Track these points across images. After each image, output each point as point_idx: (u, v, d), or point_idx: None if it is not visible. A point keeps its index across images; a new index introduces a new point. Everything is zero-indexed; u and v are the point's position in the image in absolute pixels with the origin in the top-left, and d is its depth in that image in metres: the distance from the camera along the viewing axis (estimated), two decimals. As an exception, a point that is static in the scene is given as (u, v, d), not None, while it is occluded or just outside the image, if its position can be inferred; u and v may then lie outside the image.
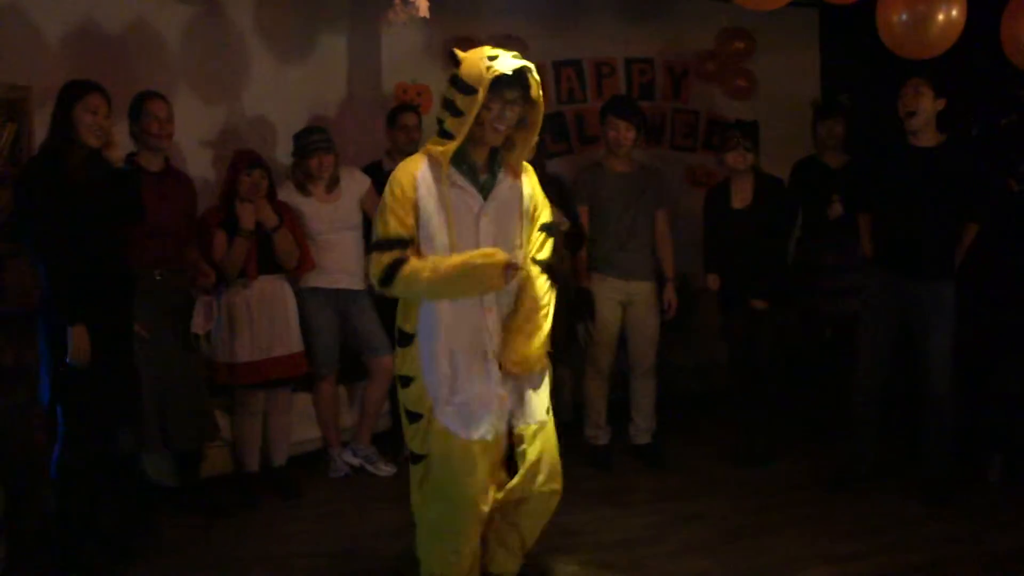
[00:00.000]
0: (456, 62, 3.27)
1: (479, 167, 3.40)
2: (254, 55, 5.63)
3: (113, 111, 3.96)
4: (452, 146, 3.26)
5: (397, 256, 3.26)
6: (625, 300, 5.18)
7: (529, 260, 3.49)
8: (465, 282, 3.22)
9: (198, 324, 4.52)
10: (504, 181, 3.43)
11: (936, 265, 4.51)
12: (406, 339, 3.40)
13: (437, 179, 3.31)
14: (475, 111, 3.20)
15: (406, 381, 3.41)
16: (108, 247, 3.90)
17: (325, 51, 5.90)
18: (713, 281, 5.25)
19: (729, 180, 5.19)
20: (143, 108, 4.40)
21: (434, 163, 3.32)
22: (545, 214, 3.56)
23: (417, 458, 3.45)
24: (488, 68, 3.17)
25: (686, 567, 3.93)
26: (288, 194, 4.96)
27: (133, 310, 4.06)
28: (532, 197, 3.51)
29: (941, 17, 4.23)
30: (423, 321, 3.36)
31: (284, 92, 5.69)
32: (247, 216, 4.64)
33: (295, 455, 5.12)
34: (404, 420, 3.49)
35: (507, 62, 3.21)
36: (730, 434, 5.39)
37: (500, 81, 3.20)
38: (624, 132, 5.10)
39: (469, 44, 5.96)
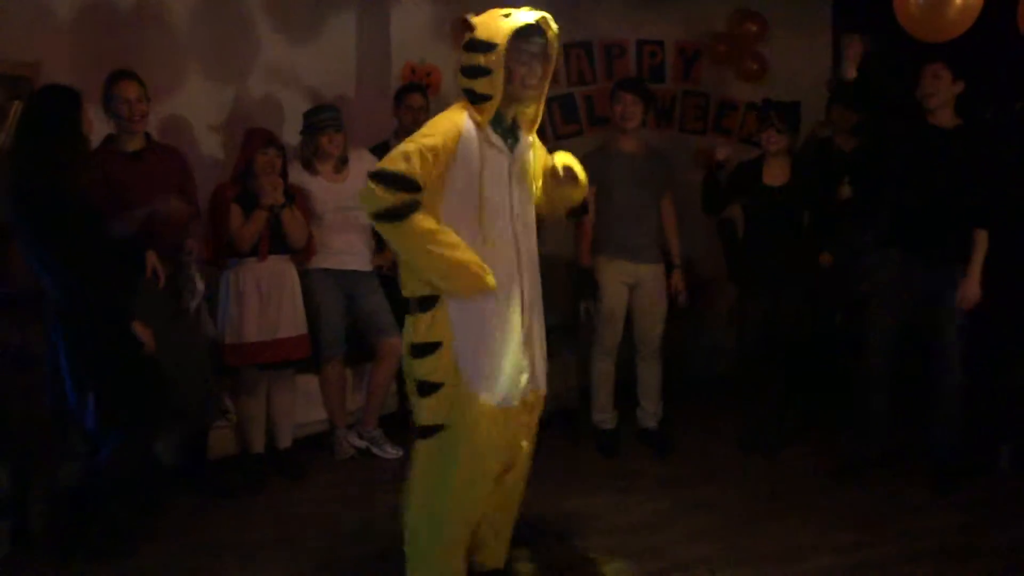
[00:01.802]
0: (471, 27, 3.21)
1: (507, 127, 3.35)
2: (263, 34, 5.60)
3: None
4: (492, 105, 3.19)
5: (409, 199, 3.04)
6: (632, 282, 5.15)
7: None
8: (455, 275, 3.11)
9: (184, 300, 4.47)
10: (523, 140, 3.41)
11: (950, 247, 4.47)
12: (428, 302, 3.22)
13: (479, 138, 3.21)
14: (502, 65, 3.14)
15: (427, 348, 3.20)
16: (112, 246, 3.87)
17: (334, 31, 5.86)
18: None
19: (762, 157, 5.13)
20: (111, 91, 4.31)
21: (474, 121, 3.22)
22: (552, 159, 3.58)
23: (430, 431, 3.26)
24: (506, 22, 3.14)
25: (693, 553, 3.92)
26: (296, 173, 4.93)
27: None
28: (539, 157, 3.55)
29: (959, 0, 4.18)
30: None
31: (292, 72, 5.67)
32: (270, 190, 4.60)
33: (301, 437, 5.12)
34: (414, 392, 3.30)
35: (524, 14, 3.18)
36: (738, 420, 5.37)
37: (520, 34, 3.16)
38: (631, 106, 5.06)
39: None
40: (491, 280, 3.12)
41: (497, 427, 3.26)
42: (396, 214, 3.03)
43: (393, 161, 3.08)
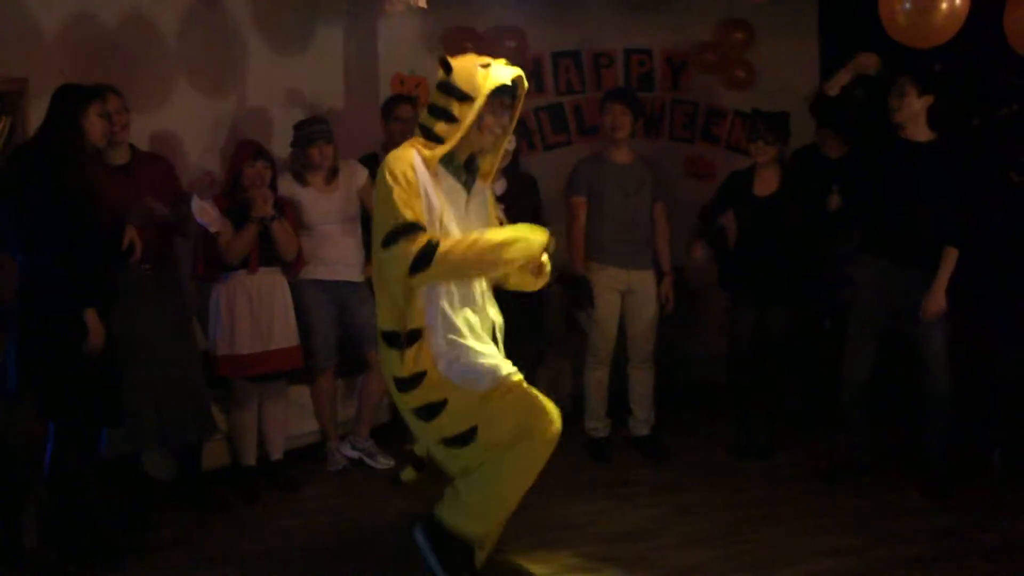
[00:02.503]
0: (447, 68, 3.29)
1: (461, 166, 3.46)
2: (251, 46, 5.62)
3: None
4: (442, 150, 3.31)
5: (429, 239, 3.19)
6: (624, 289, 5.17)
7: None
8: (512, 250, 3.21)
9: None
10: (479, 183, 3.53)
11: (928, 256, 4.48)
12: (413, 337, 3.34)
13: (430, 172, 3.32)
14: (471, 118, 3.26)
15: (416, 379, 3.34)
16: (100, 242, 3.87)
17: (322, 42, 5.89)
18: (696, 250, 5.30)
19: (755, 167, 5.17)
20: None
21: (423, 158, 3.32)
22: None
23: (464, 439, 3.35)
24: (486, 77, 3.24)
25: (687, 560, 3.92)
26: (286, 185, 4.94)
27: (112, 307, 3.96)
28: (491, 214, 3.67)
29: (944, 6, 4.21)
30: (430, 310, 3.33)
31: (281, 84, 5.69)
32: (260, 203, 4.60)
33: (293, 448, 5.11)
34: (414, 420, 3.44)
35: (503, 71, 3.29)
36: (729, 426, 5.38)
37: (501, 89, 3.29)
38: (620, 116, 5.11)
39: (467, 35, 6.04)
40: (541, 235, 3.25)
41: (525, 392, 3.40)
42: (427, 255, 3.16)
43: (386, 221, 3.22)
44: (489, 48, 6.06)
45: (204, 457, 4.77)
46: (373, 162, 5.27)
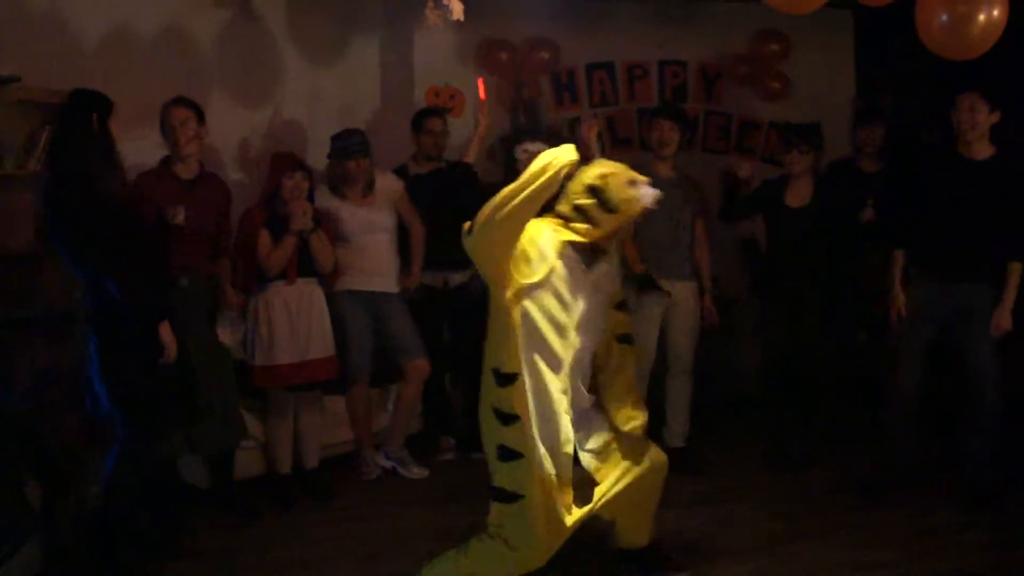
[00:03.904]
0: (604, 183, 3.33)
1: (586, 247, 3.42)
2: (288, 59, 5.69)
3: (136, 117, 3.99)
4: (573, 237, 3.33)
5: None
6: (666, 302, 5.17)
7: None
8: (537, 172, 3.05)
9: (223, 335, 4.60)
10: (604, 261, 3.47)
11: (982, 271, 4.46)
12: (508, 379, 3.25)
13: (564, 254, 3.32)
14: (612, 226, 3.35)
15: (509, 418, 3.26)
16: (148, 252, 3.91)
17: (358, 55, 5.94)
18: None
19: (787, 177, 5.16)
20: (165, 115, 4.42)
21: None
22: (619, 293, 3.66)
23: (512, 497, 3.27)
24: (634, 199, 3.33)
25: (719, 573, 3.91)
26: (323, 197, 4.99)
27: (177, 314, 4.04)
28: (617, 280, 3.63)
29: (982, 17, 4.16)
30: (530, 361, 3.29)
31: (317, 96, 5.75)
32: (299, 216, 4.65)
33: (327, 457, 5.14)
34: (494, 454, 3.32)
35: (651, 194, 3.37)
36: (762, 439, 5.35)
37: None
38: (668, 132, 5.13)
39: (502, 47, 6.07)
40: (567, 153, 3.11)
41: (553, 498, 3.31)
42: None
43: None
44: (523, 59, 6.12)
45: (240, 465, 4.82)
46: (402, 174, 5.32)
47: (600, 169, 3.38)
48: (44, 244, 4.38)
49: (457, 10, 4.18)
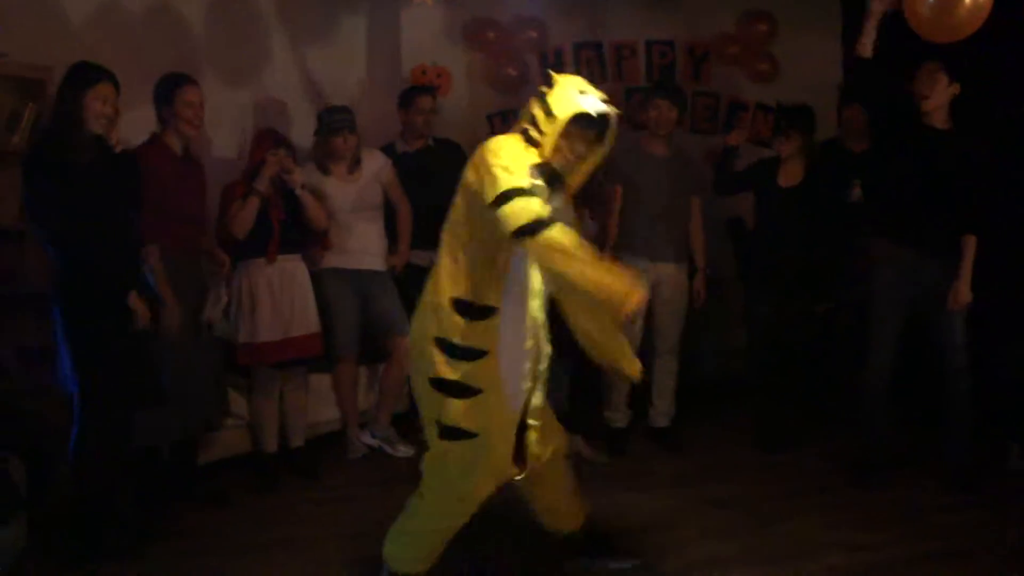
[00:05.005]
0: (550, 83, 3.26)
1: (547, 175, 3.33)
2: (275, 37, 5.66)
3: (123, 94, 3.95)
4: (538, 153, 3.24)
5: (546, 213, 3.01)
6: (655, 281, 5.16)
7: None
8: (604, 291, 2.93)
9: (207, 312, 4.56)
10: (559, 196, 3.39)
11: (946, 240, 4.47)
12: (485, 312, 3.20)
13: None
14: (554, 134, 3.21)
15: (475, 354, 3.20)
16: (114, 229, 3.87)
17: (345, 33, 5.91)
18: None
19: (779, 157, 5.17)
20: (177, 94, 4.36)
21: None
22: None
23: (460, 434, 3.24)
24: (574, 102, 3.21)
25: (705, 552, 3.92)
26: (309, 174, 4.96)
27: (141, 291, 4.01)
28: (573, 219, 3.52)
29: (969, 0, 4.18)
30: (508, 297, 3.26)
31: (303, 74, 5.70)
32: (273, 166, 4.62)
33: (313, 436, 5.14)
34: (436, 390, 3.24)
35: (592, 102, 3.24)
36: (749, 420, 5.38)
37: (582, 118, 3.23)
38: (667, 111, 5.13)
39: (489, 26, 6.05)
40: (638, 294, 2.97)
41: (509, 435, 3.31)
42: (542, 225, 2.98)
43: (515, 180, 3.06)
44: (510, 39, 6.10)
45: (226, 444, 4.82)
46: (389, 152, 5.31)
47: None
48: (28, 223, 4.37)
49: (444, -14, 4.18)
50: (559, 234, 2.96)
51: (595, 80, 6.26)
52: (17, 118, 4.58)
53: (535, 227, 2.96)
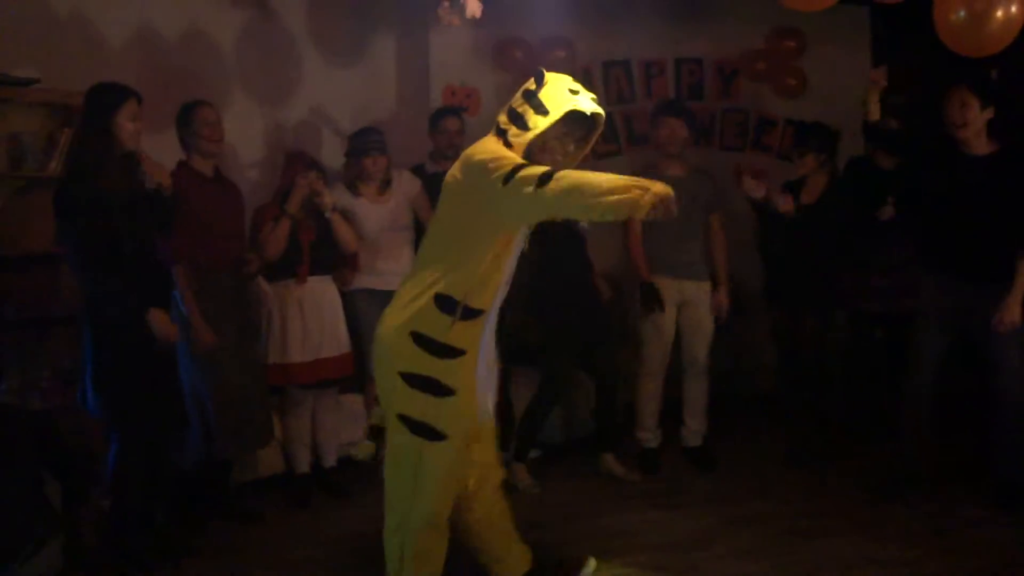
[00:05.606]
0: (540, 80, 3.27)
1: None
2: (305, 59, 5.72)
3: (157, 118, 4.01)
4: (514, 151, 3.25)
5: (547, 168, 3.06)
6: (680, 300, 5.17)
7: None
8: (625, 191, 2.97)
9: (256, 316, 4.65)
10: None
11: (996, 269, 4.39)
12: (473, 313, 3.24)
13: None
14: (540, 132, 3.23)
15: (453, 352, 3.23)
16: (142, 253, 3.92)
17: (375, 54, 5.96)
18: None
19: (806, 176, 5.16)
20: (194, 116, 4.44)
21: None
22: None
23: (431, 432, 3.25)
24: (569, 99, 3.23)
25: (736, 570, 3.91)
26: (340, 195, 5.00)
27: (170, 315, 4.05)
28: None
29: (1000, 14, 4.15)
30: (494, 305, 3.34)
31: (334, 95, 5.77)
32: (303, 189, 4.63)
33: (346, 456, 5.15)
34: (407, 389, 3.26)
35: (586, 102, 3.26)
36: (781, 437, 5.35)
37: (574, 116, 3.26)
38: (677, 130, 5.12)
39: (518, 46, 6.08)
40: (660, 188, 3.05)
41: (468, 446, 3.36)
42: (550, 175, 3.01)
43: (509, 163, 3.12)
44: (540, 59, 6.12)
45: (259, 463, 4.85)
46: (419, 173, 5.34)
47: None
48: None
49: (472, 7, 4.20)
50: (570, 171, 3.04)
51: (624, 99, 6.42)
52: (53, 143, 4.64)
53: (549, 174, 3.00)
